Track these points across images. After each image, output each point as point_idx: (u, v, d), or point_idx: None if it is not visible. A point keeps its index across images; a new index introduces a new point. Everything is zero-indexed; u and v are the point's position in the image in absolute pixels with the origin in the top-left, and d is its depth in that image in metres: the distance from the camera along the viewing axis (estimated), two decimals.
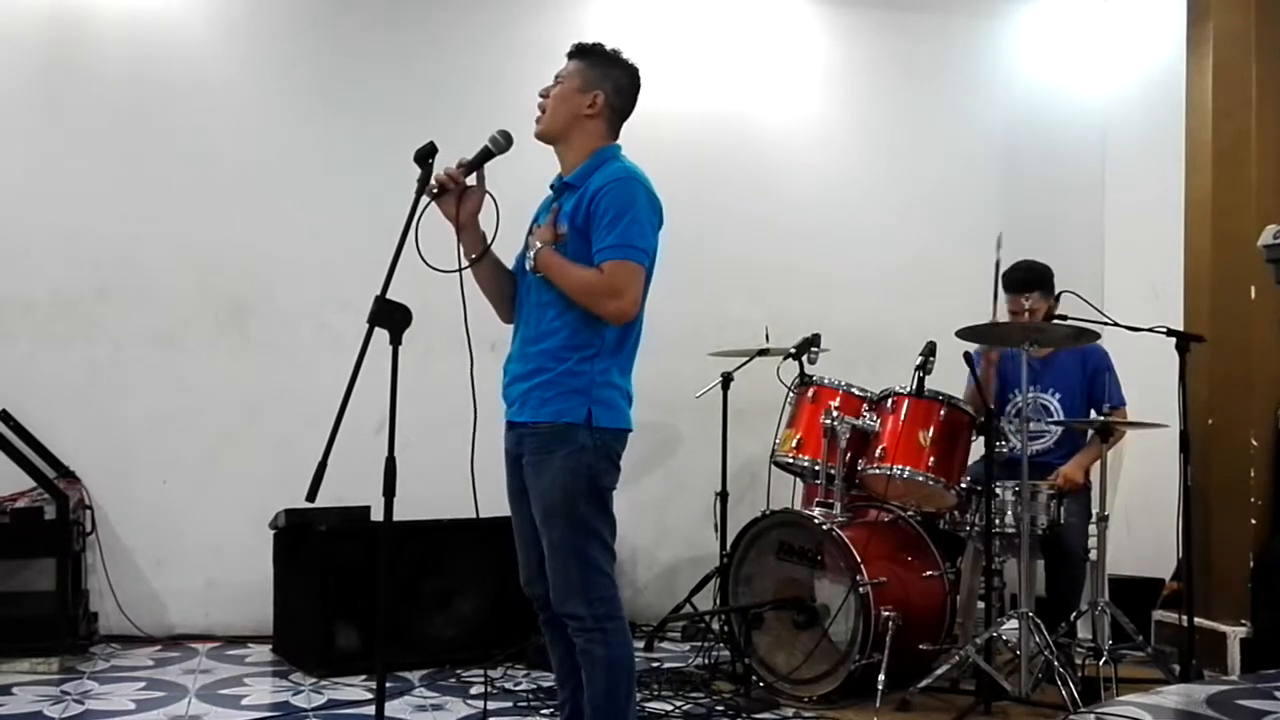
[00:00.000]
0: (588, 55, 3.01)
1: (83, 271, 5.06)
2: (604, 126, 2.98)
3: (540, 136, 3.00)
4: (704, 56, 5.83)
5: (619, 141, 3.02)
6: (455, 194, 2.90)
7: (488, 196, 2.94)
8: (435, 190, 2.87)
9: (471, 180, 2.92)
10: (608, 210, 2.82)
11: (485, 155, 2.92)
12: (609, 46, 3.02)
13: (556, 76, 3.01)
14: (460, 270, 2.91)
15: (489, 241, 2.97)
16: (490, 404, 2.98)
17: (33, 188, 5.02)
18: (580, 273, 2.83)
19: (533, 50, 5.17)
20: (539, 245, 2.87)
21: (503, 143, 2.91)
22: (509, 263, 3.06)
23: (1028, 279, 4.68)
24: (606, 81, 2.97)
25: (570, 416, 2.83)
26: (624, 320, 2.86)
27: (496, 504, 4.00)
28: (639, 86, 3.04)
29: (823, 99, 6.01)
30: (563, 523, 2.83)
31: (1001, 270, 4.48)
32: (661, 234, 2.94)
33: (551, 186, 3.04)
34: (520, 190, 3.02)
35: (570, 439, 2.82)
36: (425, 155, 2.85)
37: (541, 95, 2.99)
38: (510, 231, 3.00)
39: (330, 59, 5.38)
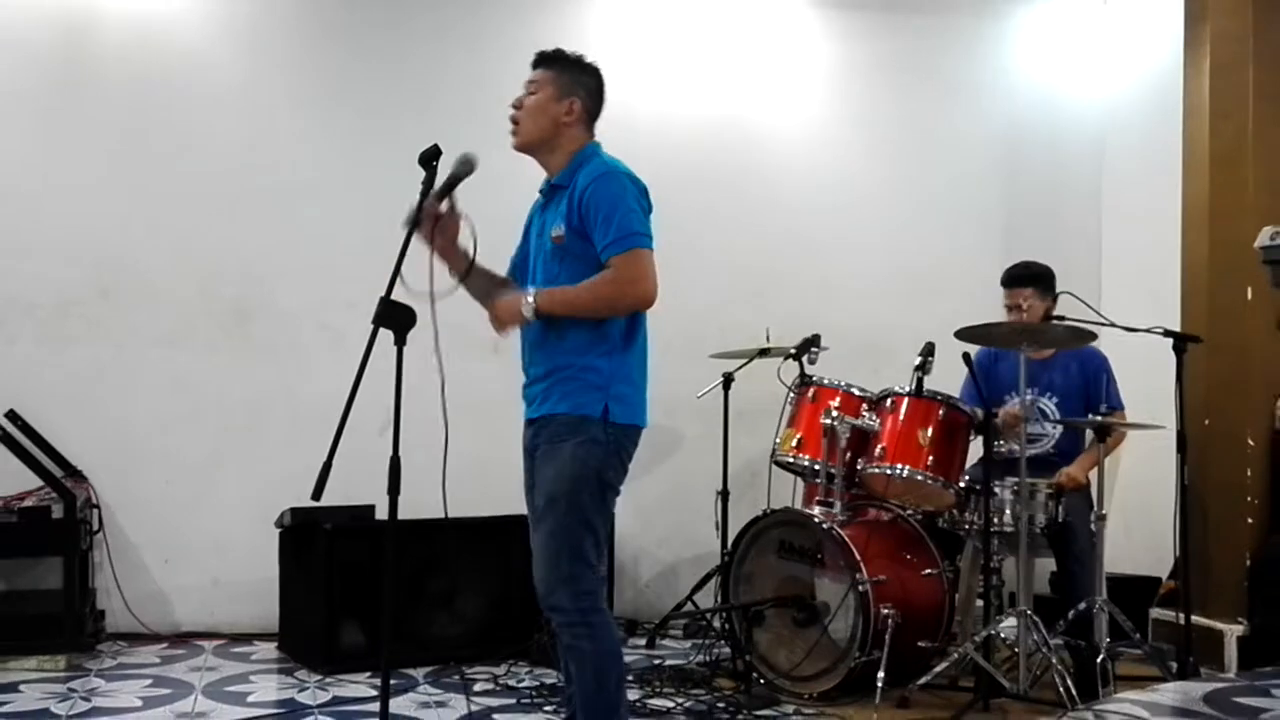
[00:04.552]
0: (556, 63, 3.07)
1: (87, 272, 5.09)
2: (582, 129, 3.06)
3: (520, 148, 3.05)
4: (704, 59, 5.84)
5: (596, 139, 3.08)
6: (430, 222, 2.94)
7: (463, 219, 2.99)
8: (413, 221, 2.89)
9: (444, 207, 2.96)
10: (599, 208, 2.87)
11: (454, 181, 2.96)
12: (570, 51, 3.09)
13: (527, 86, 3.06)
14: (434, 299, 2.83)
15: (470, 259, 3.02)
16: (488, 408, 3.02)
17: (37, 189, 5.05)
18: (586, 289, 2.88)
19: (534, 52, 5.20)
20: (529, 301, 2.89)
21: (468, 167, 2.94)
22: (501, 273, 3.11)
23: (1023, 275, 4.71)
24: (579, 87, 3.04)
25: (588, 410, 2.88)
26: (649, 304, 2.92)
27: (495, 504, 4.03)
28: (604, 86, 3.11)
29: (823, 101, 6.03)
30: (563, 510, 2.87)
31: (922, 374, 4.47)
32: (662, 235, 2.98)
33: (540, 191, 3.10)
34: (509, 194, 3.06)
35: (583, 430, 2.88)
36: (430, 158, 2.89)
37: (514, 106, 3.04)
38: (493, 241, 3.04)
39: (332, 61, 5.41)
